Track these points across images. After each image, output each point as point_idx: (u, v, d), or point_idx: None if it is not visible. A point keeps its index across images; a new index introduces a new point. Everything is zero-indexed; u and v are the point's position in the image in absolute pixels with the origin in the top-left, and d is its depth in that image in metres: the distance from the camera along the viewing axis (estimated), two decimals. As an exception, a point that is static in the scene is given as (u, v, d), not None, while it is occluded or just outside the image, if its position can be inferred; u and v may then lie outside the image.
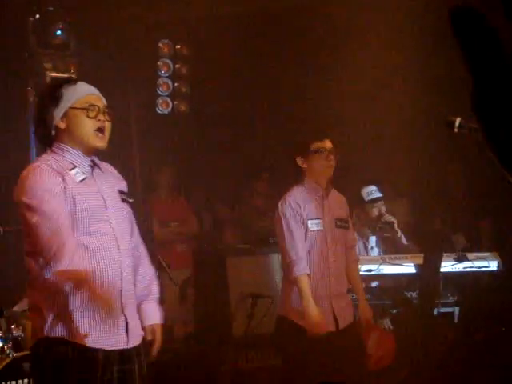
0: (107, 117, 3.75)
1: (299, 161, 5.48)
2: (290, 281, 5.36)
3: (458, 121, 4.23)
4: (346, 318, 5.42)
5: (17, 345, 5.05)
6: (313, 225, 5.41)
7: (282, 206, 5.44)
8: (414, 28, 7.47)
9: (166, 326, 7.61)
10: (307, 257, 5.34)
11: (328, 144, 5.49)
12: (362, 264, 6.27)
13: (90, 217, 3.61)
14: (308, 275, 5.26)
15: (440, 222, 7.92)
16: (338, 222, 5.49)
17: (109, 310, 3.61)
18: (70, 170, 3.65)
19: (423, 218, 8.12)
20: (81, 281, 3.56)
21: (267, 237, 6.83)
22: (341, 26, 7.88)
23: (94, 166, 3.75)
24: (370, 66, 7.84)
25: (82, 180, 3.66)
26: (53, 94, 3.76)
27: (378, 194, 6.95)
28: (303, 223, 5.39)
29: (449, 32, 1.15)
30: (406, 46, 7.64)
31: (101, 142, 3.72)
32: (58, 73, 7.29)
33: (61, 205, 3.56)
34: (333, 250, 5.41)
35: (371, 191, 6.94)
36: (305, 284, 5.23)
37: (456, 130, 4.22)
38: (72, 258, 3.53)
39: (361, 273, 6.03)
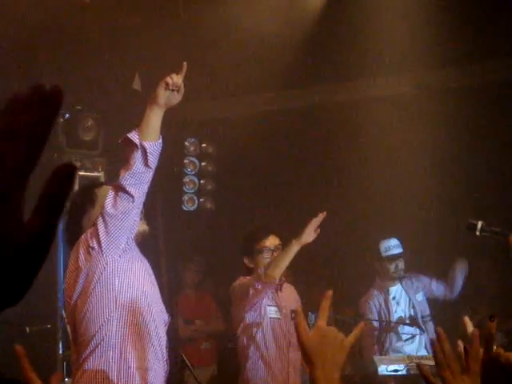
0: None
1: (246, 261, 5.39)
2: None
3: (479, 224, 4.21)
4: None
5: None
6: (271, 312, 5.27)
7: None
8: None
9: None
10: (264, 344, 5.22)
11: (272, 241, 5.37)
12: (388, 364, 6.05)
13: None
14: None
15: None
16: (293, 315, 5.33)
17: None
18: None
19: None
20: None
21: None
22: (361, 123, 7.92)
23: None
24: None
25: None
26: (88, 195, 3.89)
27: (397, 251, 6.66)
28: (261, 308, 5.26)
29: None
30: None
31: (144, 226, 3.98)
32: (86, 172, 7.38)
33: None
34: (292, 341, 5.16)
35: (389, 247, 6.65)
36: None
37: (478, 233, 4.20)
38: None
39: (385, 373, 5.88)
